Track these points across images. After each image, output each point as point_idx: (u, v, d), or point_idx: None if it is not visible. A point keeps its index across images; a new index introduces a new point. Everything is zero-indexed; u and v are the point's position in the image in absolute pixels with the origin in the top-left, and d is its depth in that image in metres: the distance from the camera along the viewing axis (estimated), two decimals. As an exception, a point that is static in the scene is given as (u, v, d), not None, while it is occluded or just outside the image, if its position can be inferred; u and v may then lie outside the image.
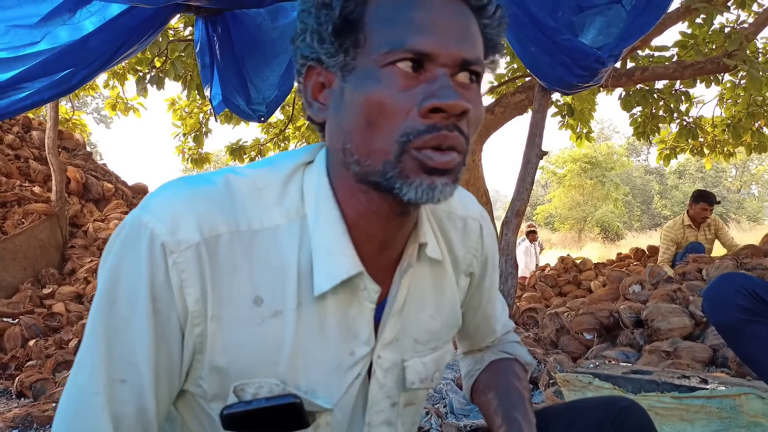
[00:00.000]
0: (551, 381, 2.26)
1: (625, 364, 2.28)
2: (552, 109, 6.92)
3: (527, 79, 6.76)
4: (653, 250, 6.39)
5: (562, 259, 6.21)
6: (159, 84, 5.74)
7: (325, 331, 0.73)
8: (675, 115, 6.96)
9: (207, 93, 3.73)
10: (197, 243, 0.66)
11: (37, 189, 5.25)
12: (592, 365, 2.05)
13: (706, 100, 13.99)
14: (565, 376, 1.93)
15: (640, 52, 6.33)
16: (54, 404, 2.72)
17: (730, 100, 7.24)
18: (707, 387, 1.71)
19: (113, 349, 0.67)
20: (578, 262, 6.12)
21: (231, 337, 0.69)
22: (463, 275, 0.89)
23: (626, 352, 2.71)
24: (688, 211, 5.33)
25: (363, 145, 0.68)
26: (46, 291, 4.54)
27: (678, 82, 6.43)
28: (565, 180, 28.17)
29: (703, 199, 5.26)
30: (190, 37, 5.63)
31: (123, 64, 5.79)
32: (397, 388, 0.81)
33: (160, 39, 5.31)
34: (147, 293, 0.66)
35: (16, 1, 2.64)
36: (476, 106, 0.69)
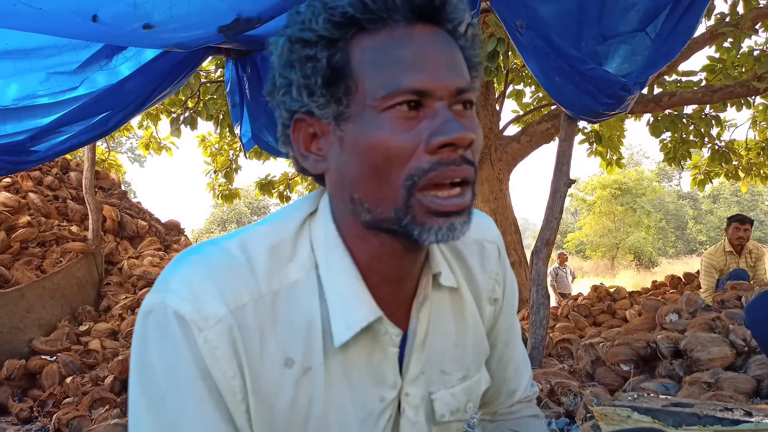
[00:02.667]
0: (588, 415, 2.20)
1: (664, 396, 2.21)
2: (579, 137, 6.90)
3: (553, 107, 6.77)
4: (689, 277, 6.22)
5: (595, 288, 6.09)
6: (192, 124, 5.92)
7: (351, 380, 0.72)
8: (706, 139, 6.86)
9: (237, 131, 3.83)
10: (224, 316, 0.65)
11: (74, 228, 5.40)
12: (630, 398, 1.99)
13: (739, 123, 13.78)
14: (603, 409, 1.88)
15: (667, 77, 6.29)
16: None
17: (763, 123, 7.12)
18: (752, 420, 1.64)
19: None
20: (612, 290, 5.99)
21: (272, 406, 0.68)
22: (487, 303, 0.87)
23: (665, 383, 2.63)
24: (727, 237, 5.22)
25: (371, 193, 0.66)
26: (82, 328, 4.63)
27: (708, 106, 6.36)
28: (595, 207, 27.79)
29: (735, 218, 5.16)
30: (221, 79, 5.80)
31: (157, 105, 5.98)
32: (428, 423, 0.79)
33: (193, 81, 5.49)
34: (194, 374, 0.64)
35: (57, 49, 2.77)
36: (477, 133, 0.68)
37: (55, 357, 4.04)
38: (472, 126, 0.68)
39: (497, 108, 7.21)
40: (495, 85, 7.08)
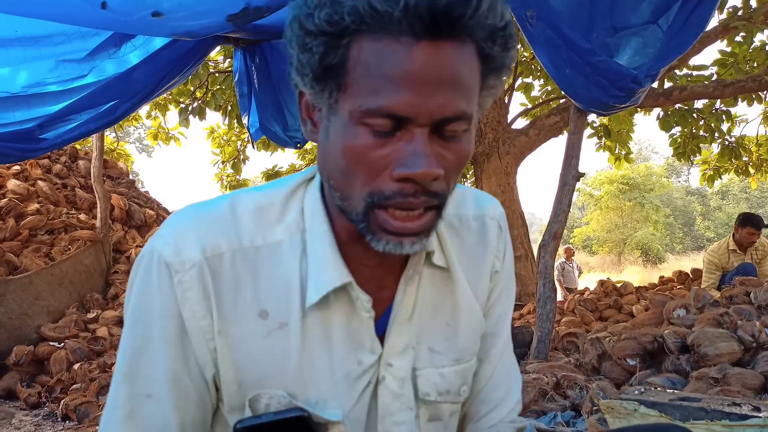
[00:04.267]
0: (594, 408, 2.20)
1: (671, 390, 2.21)
2: (588, 131, 6.86)
3: (562, 101, 6.73)
4: (697, 273, 6.18)
5: (602, 283, 6.07)
6: (200, 114, 5.92)
7: (330, 341, 0.74)
8: (716, 134, 6.81)
9: (245, 121, 3.83)
10: (199, 261, 0.70)
11: (83, 216, 5.43)
12: (637, 392, 1.98)
13: (750, 119, 13.66)
14: (609, 402, 1.87)
15: (678, 71, 6.24)
16: (97, 427, 2.77)
17: (774, 118, 7.05)
18: (760, 415, 1.63)
19: (138, 366, 0.72)
20: (619, 285, 5.97)
21: (240, 351, 0.72)
22: (485, 279, 0.86)
23: (672, 378, 2.62)
24: (733, 235, 5.11)
25: (343, 188, 0.68)
26: (90, 315, 4.66)
27: (718, 101, 6.30)
28: (603, 202, 27.68)
29: (750, 223, 5.01)
30: (229, 69, 5.80)
31: (165, 95, 5.99)
32: (416, 400, 0.80)
33: (201, 71, 5.49)
34: (159, 312, 0.71)
35: (66, 37, 2.77)
36: (458, 156, 0.67)
37: (63, 343, 4.07)
38: (450, 153, 0.66)
39: (506, 101, 7.18)
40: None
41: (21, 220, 4.92)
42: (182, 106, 6.09)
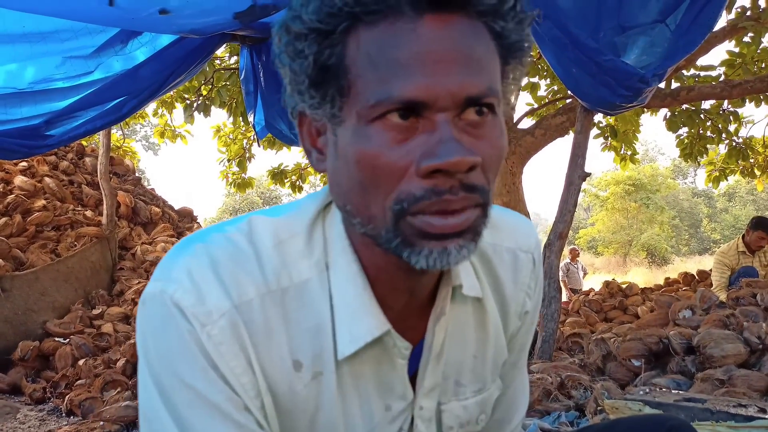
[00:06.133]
0: (599, 408, 2.19)
1: (676, 391, 2.20)
2: (594, 131, 6.83)
3: (568, 100, 6.71)
4: (703, 275, 6.16)
5: (607, 284, 6.05)
6: (205, 111, 5.93)
7: (359, 389, 0.68)
8: (723, 135, 6.77)
9: (251, 119, 3.83)
10: (228, 310, 0.60)
11: (89, 213, 5.45)
12: (641, 392, 1.98)
13: (756, 120, 13.57)
14: (614, 403, 1.87)
15: (685, 72, 6.21)
16: (102, 422, 2.78)
17: (782, 120, 7.01)
18: (766, 416, 1.62)
19: None
20: (624, 286, 5.95)
21: (281, 406, 0.64)
22: (515, 317, 0.80)
23: (677, 380, 2.61)
24: (743, 237, 5.13)
25: (362, 209, 0.59)
26: (95, 311, 4.67)
27: (726, 101, 6.27)
28: (608, 203, 27.60)
29: (762, 227, 5.03)
30: (235, 66, 5.81)
31: (171, 92, 6.00)
32: None
33: (207, 68, 5.50)
34: (202, 364, 0.60)
35: (73, 33, 2.78)
36: (492, 145, 0.58)
37: (68, 339, 4.09)
38: (485, 137, 0.57)
39: (511, 100, 7.15)
40: (510, 77, 7.00)
41: (27, 216, 4.95)
42: (187, 102, 6.11)
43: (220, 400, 0.59)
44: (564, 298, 7.50)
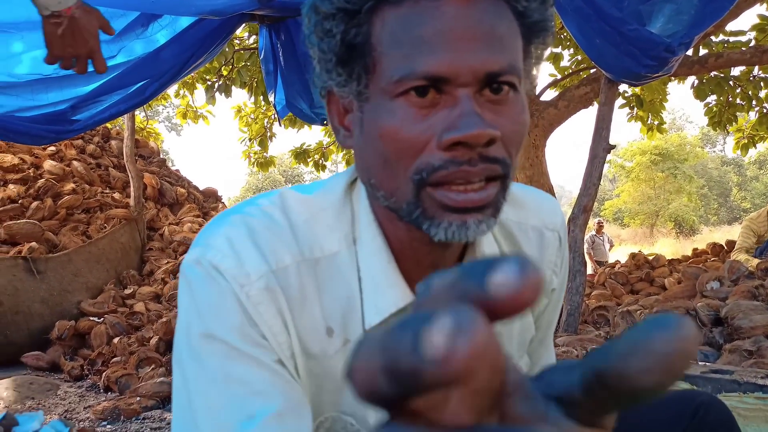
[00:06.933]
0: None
1: (703, 363, 2.19)
2: (620, 101, 6.70)
3: (592, 71, 6.57)
4: (731, 245, 6.06)
5: (633, 256, 5.99)
6: (226, 92, 5.96)
7: None
8: (753, 102, 6.59)
9: (271, 98, 3.84)
10: (266, 273, 0.62)
11: (117, 195, 5.55)
12: (667, 365, 1.97)
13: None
14: (639, 375, 1.87)
15: (713, 38, 6.03)
16: (138, 398, 2.88)
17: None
18: (794, 388, 1.62)
19: (227, 387, 0.60)
20: (651, 258, 5.89)
21: (314, 371, 0.67)
22: (542, 295, 0.82)
23: (705, 351, 2.60)
24: None
25: (386, 182, 0.62)
26: (127, 291, 4.80)
27: (756, 67, 6.09)
28: (634, 173, 27.15)
29: None
30: (254, 46, 5.81)
31: (192, 74, 6.03)
32: None
33: (227, 49, 5.51)
34: (242, 319, 0.61)
35: (95, 18, 2.80)
36: (513, 123, 0.60)
37: (102, 318, 4.22)
38: (505, 114, 0.59)
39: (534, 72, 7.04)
40: (532, 48, 6.88)
41: (58, 200, 5.06)
42: (208, 83, 6.14)
43: (258, 354, 0.61)
44: (589, 270, 7.45)
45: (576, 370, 0.21)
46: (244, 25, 4.68)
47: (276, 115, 4.04)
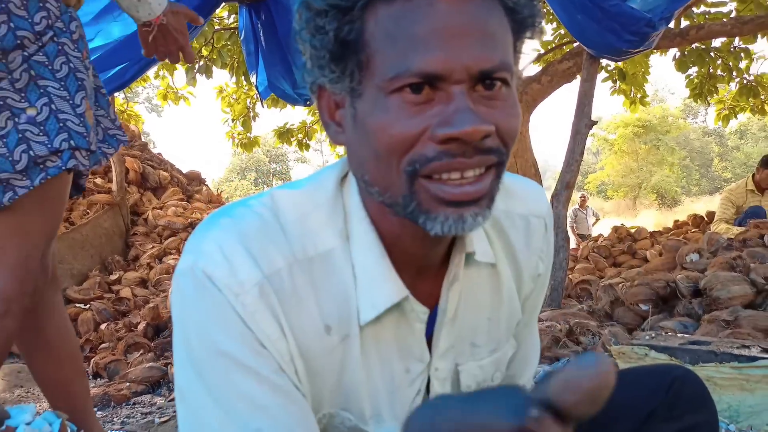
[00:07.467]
0: (607, 354, 2.25)
1: (682, 335, 2.25)
2: (602, 75, 6.71)
3: (575, 44, 6.57)
4: (712, 216, 6.16)
5: (615, 229, 6.07)
6: (207, 73, 5.88)
7: (381, 352, 0.71)
8: (734, 73, 6.64)
9: (253, 79, 3.81)
10: (260, 280, 0.63)
11: (98, 180, 5.49)
12: (648, 337, 2.03)
13: (769, 55, 13.20)
14: (620, 348, 1.92)
15: (695, 9, 6.04)
16: (128, 383, 2.89)
17: (794, 55, 6.84)
18: (769, 357, 1.67)
19: (230, 403, 0.61)
20: (633, 231, 5.97)
21: (313, 371, 0.67)
22: (529, 280, 0.83)
23: (684, 322, 2.66)
24: (753, 176, 5.12)
25: (380, 178, 0.63)
26: (113, 277, 4.77)
27: (737, 38, 6.12)
28: (617, 146, 27.33)
29: None
30: (234, 25, 5.72)
31: (171, 54, 5.93)
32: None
33: (207, 29, 5.43)
34: (242, 330, 0.62)
35: (70, 1, 2.75)
36: (507, 117, 0.61)
37: (89, 305, 4.20)
38: (498, 108, 0.60)
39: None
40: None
41: (39, 186, 5.00)
42: (188, 65, 6.05)
43: (257, 365, 0.62)
44: (572, 244, 7.55)
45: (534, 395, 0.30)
46: (223, 4, 4.61)
47: (258, 96, 4.00)
